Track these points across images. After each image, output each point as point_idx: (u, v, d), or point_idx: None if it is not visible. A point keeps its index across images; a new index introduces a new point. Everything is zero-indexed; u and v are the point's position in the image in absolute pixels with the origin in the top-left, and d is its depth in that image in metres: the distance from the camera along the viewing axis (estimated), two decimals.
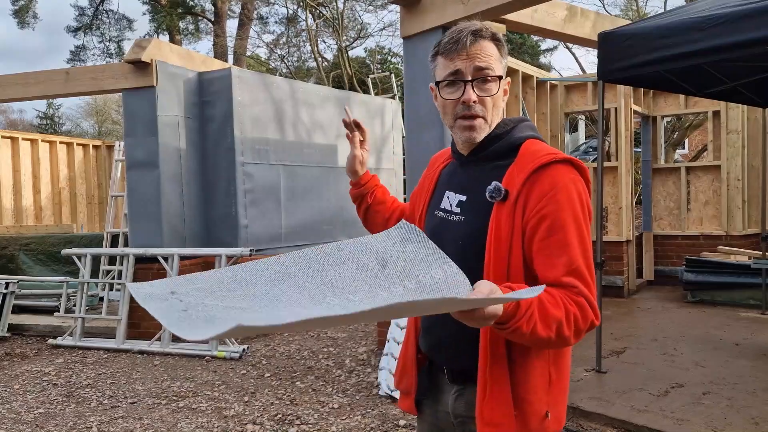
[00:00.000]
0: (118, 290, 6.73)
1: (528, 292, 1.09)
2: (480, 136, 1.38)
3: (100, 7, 20.99)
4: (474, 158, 1.43)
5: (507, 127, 1.42)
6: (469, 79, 1.34)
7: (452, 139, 1.50)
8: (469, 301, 1.03)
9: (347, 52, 18.66)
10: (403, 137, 9.03)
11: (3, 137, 9.40)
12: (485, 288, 1.09)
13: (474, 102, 1.34)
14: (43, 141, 9.99)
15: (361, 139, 1.81)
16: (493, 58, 1.35)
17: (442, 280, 1.17)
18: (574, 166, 1.33)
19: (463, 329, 1.18)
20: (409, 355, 1.55)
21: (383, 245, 1.23)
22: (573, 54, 18.68)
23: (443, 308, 1.06)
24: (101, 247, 7.53)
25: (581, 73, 15.77)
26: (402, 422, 3.68)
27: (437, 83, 1.39)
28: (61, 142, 10.28)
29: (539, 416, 1.33)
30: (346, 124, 1.80)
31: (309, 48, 20.10)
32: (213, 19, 20.10)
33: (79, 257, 6.17)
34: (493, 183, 1.33)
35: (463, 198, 1.41)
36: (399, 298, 1.11)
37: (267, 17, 22.59)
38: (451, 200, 1.44)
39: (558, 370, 1.38)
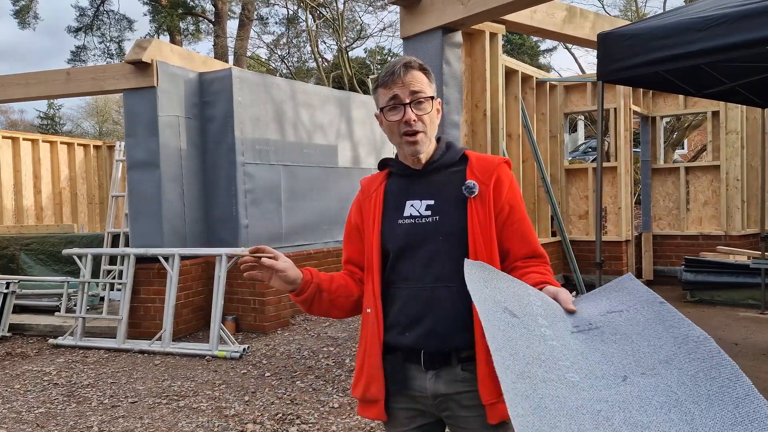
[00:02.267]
0: (119, 290, 6.74)
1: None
2: (423, 148, 1.61)
3: (101, 8, 21.01)
4: (429, 168, 1.65)
5: (445, 142, 1.70)
6: (407, 101, 1.56)
7: (394, 160, 1.71)
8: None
9: (347, 52, 18.68)
10: None
11: (4, 137, 9.42)
12: (567, 295, 1.43)
13: (414, 120, 1.57)
14: (43, 141, 10.00)
15: (269, 257, 1.63)
16: (424, 84, 1.59)
17: (544, 305, 1.35)
18: (508, 164, 1.68)
19: (459, 313, 1.53)
20: (374, 363, 1.61)
21: (486, 293, 1.32)
22: (572, 54, 18.69)
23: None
24: (102, 247, 7.53)
25: (581, 73, 15.78)
26: None
27: (381, 110, 1.61)
28: (61, 143, 10.30)
29: None
30: (246, 262, 1.61)
31: (309, 48, 20.13)
32: (213, 20, 20.12)
33: (79, 257, 6.18)
34: (470, 182, 1.58)
35: (431, 202, 1.61)
36: (563, 337, 1.24)
37: (267, 18, 22.64)
38: (417, 207, 1.62)
39: None
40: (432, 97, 1.60)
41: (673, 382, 1.13)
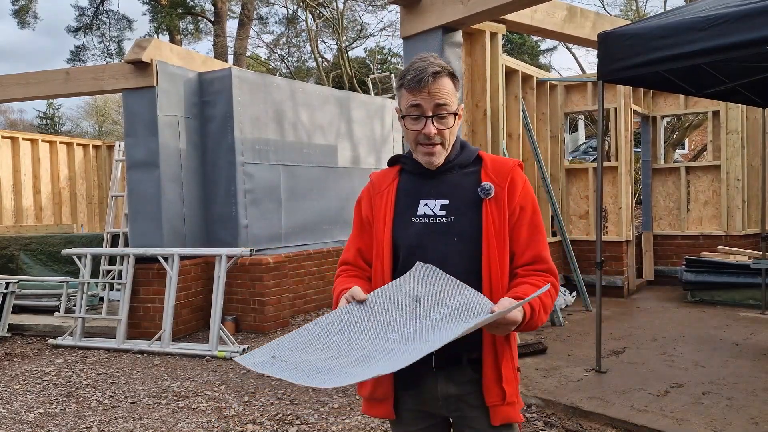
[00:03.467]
0: (118, 290, 6.73)
1: (533, 295, 1.42)
2: (438, 160, 1.62)
3: (100, 8, 21.00)
4: (444, 168, 1.64)
5: (459, 142, 1.70)
6: (430, 115, 1.56)
7: (407, 158, 1.71)
8: (501, 312, 1.34)
9: (347, 52, 18.67)
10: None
11: (3, 137, 9.41)
12: (506, 303, 1.42)
13: (434, 134, 1.57)
14: (43, 141, 9.99)
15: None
16: (450, 94, 1.58)
17: (467, 302, 1.45)
18: (521, 167, 1.69)
19: None
20: None
21: (410, 285, 1.49)
22: (573, 54, 18.70)
23: (481, 325, 1.33)
24: (101, 247, 7.53)
25: (581, 73, 15.78)
26: None
27: (402, 116, 1.61)
28: (61, 142, 10.29)
29: (515, 371, 1.63)
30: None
31: (309, 48, 20.12)
32: (213, 20, 20.11)
33: (79, 257, 6.17)
34: (486, 183, 1.59)
35: (446, 202, 1.61)
36: (440, 323, 1.39)
37: (267, 17, 22.66)
38: (432, 206, 1.62)
39: None
40: (455, 114, 1.59)
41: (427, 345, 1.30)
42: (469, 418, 1.60)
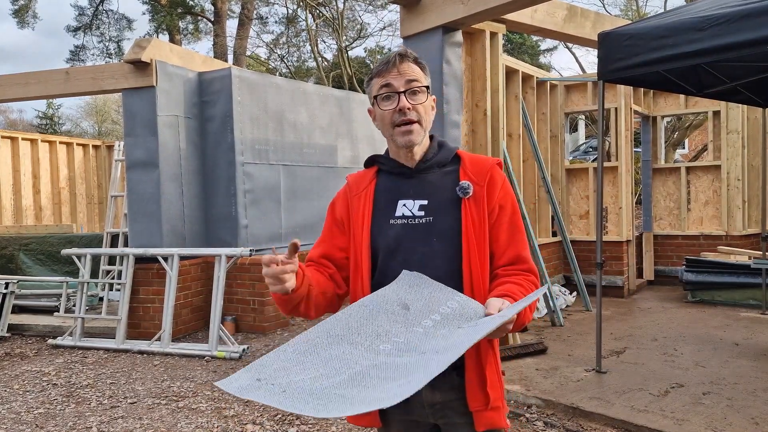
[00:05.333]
0: (118, 290, 6.72)
1: (531, 296, 1.40)
2: (417, 139, 1.57)
3: (100, 7, 20.98)
4: (422, 167, 1.62)
5: (437, 141, 1.67)
6: (402, 90, 1.54)
7: (384, 157, 1.69)
8: (506, 317, 1.28)
9: (347, 52, 18.67)
10: None
11: (3, 137, 9.40)
12: (497, 303, 1.37)
13: (409, 109, 1.54)
14: (42, 141, 9.99)
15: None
16: (419, 74, 1.57)
17: (459, 308, 1.40)
18: (500, 166, 1.65)
19: None
20: None
21: (397, 293, 1.45)
22: (573, 54, 18.68)
23: (488, 333, 1.26)
24: (101, 247, 7.52)
25: (581, 72, 15.78)
26: None
27: (375, 99, 1.58)
28: (60, 142, 10.28)
29: (500, 375, 1.60)
30: (277, 262, 1.39)
31: (309, 48, 20.12)
32: (213, 19, 20.10)
33: (78, 257, 6.17)
34: (465, 182, 1.56)
35: (425, 202, 1.58)
36: (432, 330, 1.34)
37: (267, 17, 22.66)
38: (410, 206, 1.58)
39: None
40: (427, 87, 1.57)
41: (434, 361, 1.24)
42: (456, 424, 1.57)
